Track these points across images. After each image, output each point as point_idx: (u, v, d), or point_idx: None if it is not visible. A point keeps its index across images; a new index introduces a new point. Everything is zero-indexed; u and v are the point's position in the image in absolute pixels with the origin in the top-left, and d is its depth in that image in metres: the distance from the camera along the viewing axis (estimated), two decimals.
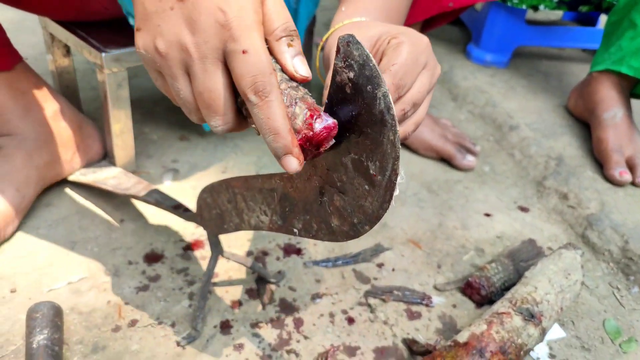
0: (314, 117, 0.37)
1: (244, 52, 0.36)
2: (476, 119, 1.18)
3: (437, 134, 1.01)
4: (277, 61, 0.39)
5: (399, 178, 0.37)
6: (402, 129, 0.48)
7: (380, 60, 0.47)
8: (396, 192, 0.38)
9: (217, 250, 0.64)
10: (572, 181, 0.95)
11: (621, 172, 0.94)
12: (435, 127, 1.03)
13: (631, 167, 0.96)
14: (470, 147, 1.02)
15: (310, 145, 0.37)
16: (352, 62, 0.36)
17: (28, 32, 1.31)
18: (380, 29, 0.49)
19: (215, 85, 0.38)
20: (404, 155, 1.03)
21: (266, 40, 0.38)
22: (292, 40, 0.38)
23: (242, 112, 0.40)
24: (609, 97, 1.03)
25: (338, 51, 0.36)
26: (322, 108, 0.38)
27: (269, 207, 0.50)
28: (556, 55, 1.52)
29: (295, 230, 0.48)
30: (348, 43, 0.36)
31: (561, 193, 0.93)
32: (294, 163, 0.37)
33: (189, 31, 0.37)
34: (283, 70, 0.39)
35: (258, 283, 0.70)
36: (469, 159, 1.00)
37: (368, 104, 0.36)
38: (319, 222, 0.44)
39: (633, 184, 0.95)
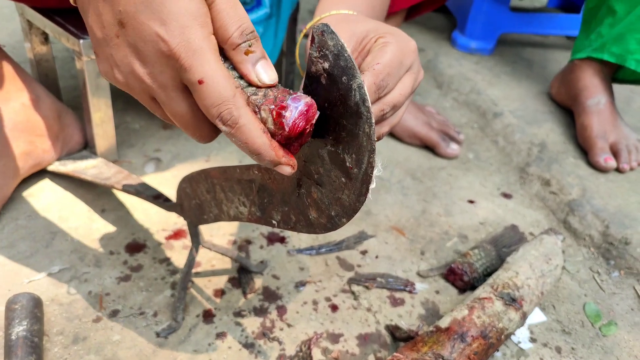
0: (280, 115, 0.34)
1: (200, 82, 0.34)
2: (461, 107, 1.18)
3: (421, 122, 1.01)
4: (238, 71, 0.36)
5: (375, 171, 0.37)
6: (377, 130, 0.47)
7: (365, 58, 0.46)
8: (372, 185, 0.38)
9: (197, 240, 0.63)
10: (555, 167, 0.95)
11: (606, 159, 0.95)
12: (420, 114, 1.03)
13: (615, 153, 0.97)
14: (454, 135, 1.02)
15: (294, 138, 0.36)
16: (326, 52, 0.35)
17: (4, 19, 1.29)
18: (369, 26, 0.48)
19: (183, 109, 0.37)
20: (389, 142, 1.03)
21: (222, 49, 0.36)
22: (250, 45, 0.36)
23: None
24: (592, 84, 1.04)
25: (313, 41, 0.36)
26: (291, 93, 0.36)
27: (247, 198, 0.50)
28: (540, 42, 1.52)
29: (274, 221, 0.47)
30: (323, 32, 0.35)
31: (543, 179, 0.94)
32: (287, 170, 0.37)
33: (139, 62, 0.35)
34: (244, 79, 0.36)
35: (240, 272, 0.70)
36: (453, 148, 1.00)
37: (343, 95, 0.35)
38: (297, 214, 0.44)
39: (617, 169, 0.96)
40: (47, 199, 0.78)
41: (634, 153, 0.97)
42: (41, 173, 0.81)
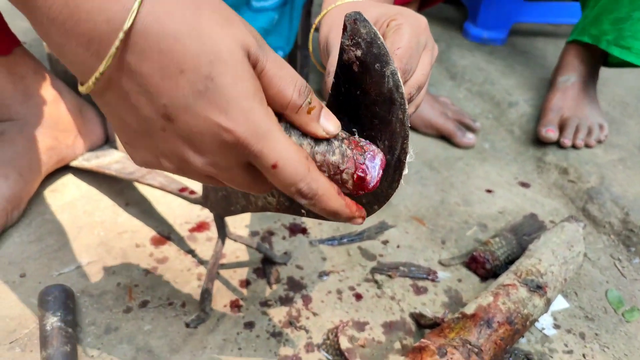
0: (362, 179, 0.35)
1: (274, 167, 0.31)
2: (474, 97, 1.18)
3: (437, 112, 1.02)
4: (304, 132, 0.35)
5: (408, 157, 0.37)
6: None
7: None
8: (405, 172, 0.38)
9: (223, 232, 0.64)
10: (572, 156, 0.95)
11: (547, 130, 0.98)
12: (435, 104, 1.03)
13: (562, 127, 0.99)
14: (470, 123, 1.02)
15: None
16: (359, 40, 0.35)
17: (20, 18, 1.30)
18: (378, 11, 0.48)
19: (246, 181, 0.34)
20: None
21: (281, 114, 0.34)
22: (310, 102, 0.33)
23: None
24: (568, 63, 1.06)
25: (345, 29, 0.36)
26: (362, 146, 0.35)
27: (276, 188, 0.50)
28: (553, 31, 1.52)
29: (303, 211, 0.48)
30: (355, 20, 0.35)
31: (561, 168, 0.94)
32: (359, 222, 0.37)
33: (196, 153, 0.32)
34: (312, 137, 0.35)
35: (264, 263, 0.70)
36: (469, 137, 1.00)
37: (376, 83, 0.35)
38: None
39: (558, 143, 0.98)
40: (72, 194, 0.79)
41: (583, 132, 0.98)
42: (64, 169, 0.83)
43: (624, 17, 0.93)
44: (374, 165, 0.35)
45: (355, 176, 0.35)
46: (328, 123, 0.35)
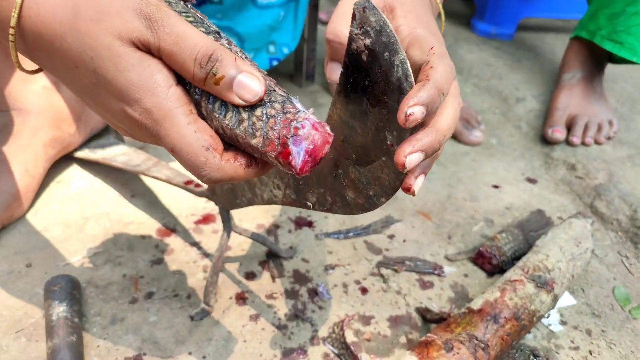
0: (288, 163, 0.32)
1: (171, 151, 0.33)
2: (482, 92, 1.17)
3: None
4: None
5: None
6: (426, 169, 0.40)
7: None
8: None
9: (228, 225, 0.64)
10: (580, 152, 0.95)
11: (554, 131, 0.98)
12: None
13: (570, 126, 0.99)
14: (475, 126, 1.01)
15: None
16: (368, 28, 0.35)
17: None
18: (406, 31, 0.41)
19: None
20: None
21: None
22: (215, 73, 0.32)
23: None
24: (571, 60, 1.06)
25: (354, 17, 0.35)
26: (290, 118, 0.32)
27: (282, 180, 0.50)
28: (562, 27, 1.51)
29: (309, 203, 0.47)
30: (364, 9, 0.35)
31: (569, 164, 0.94)
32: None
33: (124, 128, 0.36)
34: (234, 110, 0.34)
35: (270, 257, 0.70)
36: (476, 135, 1.00)
37: (385, 72, 0.35)
38: (334, 195, 0.44)
39: (567, 142, 0.98)
40: (78, 185, 0.79)
41: (592, 129, 0.98)
42: (69, 160, 0.83)
43: (619, 12, 0.93)
44: (298, 150, 0.32)
45: (280, 159, 0.33)
46: (244, 91, 0.32)
